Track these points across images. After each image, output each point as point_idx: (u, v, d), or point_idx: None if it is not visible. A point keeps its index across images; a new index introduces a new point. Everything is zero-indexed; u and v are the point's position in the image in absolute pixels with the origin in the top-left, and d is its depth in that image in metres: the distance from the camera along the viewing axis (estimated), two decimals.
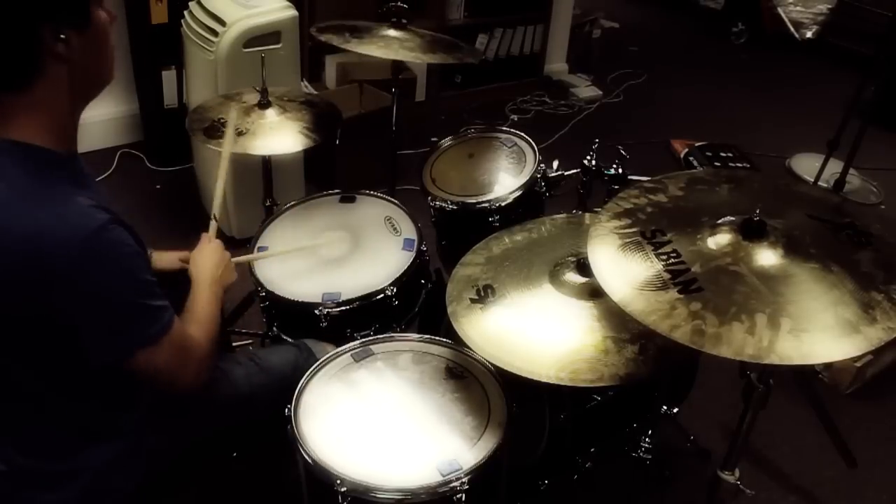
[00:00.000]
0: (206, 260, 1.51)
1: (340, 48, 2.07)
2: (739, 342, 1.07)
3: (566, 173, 1.97)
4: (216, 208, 1.67)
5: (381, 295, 1.71)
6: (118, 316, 1.16)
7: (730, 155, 3.72)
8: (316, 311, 1.68)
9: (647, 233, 1.28)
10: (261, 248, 1.85)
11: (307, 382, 1.44)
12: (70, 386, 1.22)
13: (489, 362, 1.41)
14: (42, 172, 1.13)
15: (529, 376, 1.31)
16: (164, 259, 1.58)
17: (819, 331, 1.08)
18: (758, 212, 1.21)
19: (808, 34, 4.64)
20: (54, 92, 1.14)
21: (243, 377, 1.48)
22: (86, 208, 1.12)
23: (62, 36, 1.10)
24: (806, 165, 3.52)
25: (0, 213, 1.10)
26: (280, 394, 1.40)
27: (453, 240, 2.00)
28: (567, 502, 1.86)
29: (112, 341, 1.17)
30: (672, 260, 1.21)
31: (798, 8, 4.62)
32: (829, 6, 4.62)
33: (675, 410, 1.96)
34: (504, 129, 2.14)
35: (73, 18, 1.12)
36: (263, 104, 1.98)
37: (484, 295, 1.50)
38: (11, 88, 1.12)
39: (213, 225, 1.64)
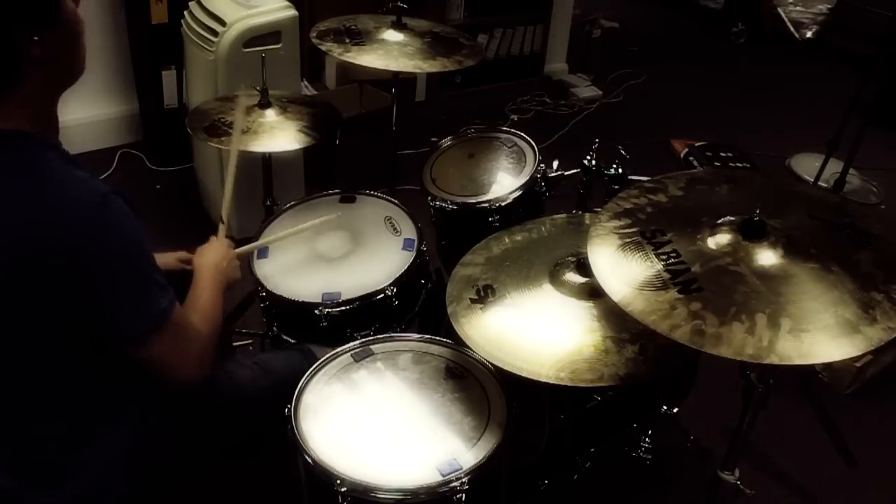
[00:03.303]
0: (211, 253, 1.53)
1: None
2: (739, 342, 1.07)
3: (566, 173, 1.96)
4: (225, 213, 1.68)
5: (381, 295, 1.71)
6: (131, 284, 1.16)
7: (730, 155, 3.72)
8: (316, 311, 1.68)
9: (647, 233, 1.28)
10: (260, 248, 1.85)
11: (307, 382, 1.44)
12: (76, 374, 1.22)
13: (489, 362, 1.41)
14: (35, 154, 1.13)
15: (529, 376, 1.31)
16: (163, 260, 1.58)
17: (819, 331, 1.08)
18: (758, 212, 1.21)
19: (808, 34, 4.63)
20: (35, 90, 1.13)
21: (248, 381, 1.48)
22: (86, 180, 1.12)
23: (35, 38, 1.08)
24: (806, 165, 3.52)
25: (2, 198, 1.09)
26: (283, 398, 1.39)
27: (453, 240, 2.00)
28: (567, 502, 1.86)
29: (129, 312, 1.17)
30: (672, 260, 1.21)
31: (798, 8, 4.61)
32: (829, 6, 4.62)
33: (675, 410, 1.96)
34: (504, 128, 2.14)
35: (43, 16, 1.08)
36: (263, 104, 1.98)
37: (484, 295, 1.49)
38: None
39: (221, 228, 1.65)
